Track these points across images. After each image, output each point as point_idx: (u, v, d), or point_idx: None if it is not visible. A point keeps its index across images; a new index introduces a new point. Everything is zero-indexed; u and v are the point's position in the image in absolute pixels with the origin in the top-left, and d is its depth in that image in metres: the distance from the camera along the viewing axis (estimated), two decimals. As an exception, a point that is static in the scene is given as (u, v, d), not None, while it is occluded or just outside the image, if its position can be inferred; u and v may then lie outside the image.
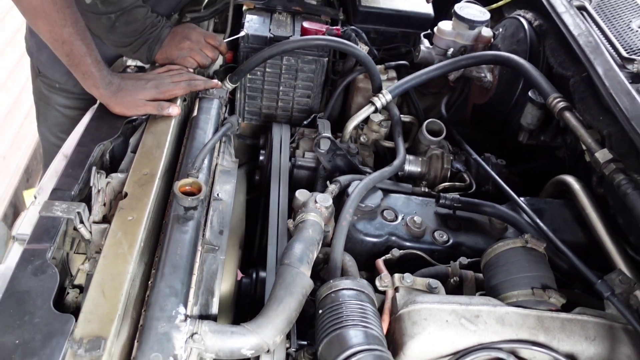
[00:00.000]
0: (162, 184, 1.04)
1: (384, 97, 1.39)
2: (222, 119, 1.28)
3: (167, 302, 0.81)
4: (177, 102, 1.19)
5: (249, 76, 1.49)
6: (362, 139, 1.45)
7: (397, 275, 0.94)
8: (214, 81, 1.30)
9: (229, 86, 1.39)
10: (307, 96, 1.55)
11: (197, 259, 0.93)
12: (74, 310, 0.83)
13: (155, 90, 1.18)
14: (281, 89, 1.52)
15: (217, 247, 0.98)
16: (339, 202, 1.14)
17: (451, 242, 1.14)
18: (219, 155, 1.19)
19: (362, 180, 1.17)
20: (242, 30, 1.46)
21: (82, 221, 0.92)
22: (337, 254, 1.01)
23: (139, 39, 1.27)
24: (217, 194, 1.08)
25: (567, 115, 1.20)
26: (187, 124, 1.24)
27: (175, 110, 1.16)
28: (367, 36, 1.56)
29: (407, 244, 1.12)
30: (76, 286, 0.92)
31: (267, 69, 1.49)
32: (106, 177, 1.00)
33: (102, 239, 0.91)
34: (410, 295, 0.90)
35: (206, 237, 0.98)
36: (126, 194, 0.96)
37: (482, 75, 1.57)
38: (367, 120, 1.44)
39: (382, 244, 1.12)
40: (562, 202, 1.25)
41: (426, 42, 1.65)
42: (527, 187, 1.37)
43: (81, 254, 0.97)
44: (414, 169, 1.39)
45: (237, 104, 1.56)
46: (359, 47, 1.45)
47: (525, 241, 0.95)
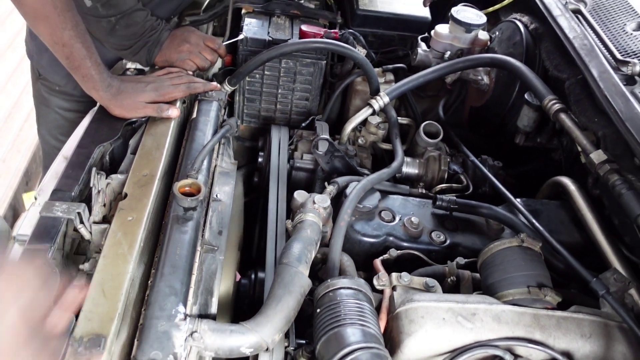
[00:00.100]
0: (162, 185, 1.05)
1: (382, 100, 1.41)
2: (221, 121, 1.29)
3: (167, 301, 0.82)
4: (177, 104, 1.20)
5: (247, 79, 1.50)
6: (360, 141, 1.46)
7: (394, 274, 0.95)
8: (213, 84, 1.31)
9: (228, 89, 1.40)
10: (306, 99, 1.56)
11: (197, 259, 0.94)
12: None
13: (154, 92, 1.19)
14: (280, 91, 1.54)
15: (216, 248, 0.99)
16: (337, 203, 1.15)
17: (448, 242, 1.15)
18: (218, 156, 1.20)
19: (360, 181, 1.18)
20: (240, 33, 1.47)
21: (82, 221, 0.93)
22: (335, 254, 1.02)
23: (139, 42, 1.28)
24: (216, 195, 1.09)
25: (563, 117, 1.22)
26: (186, 125, 1.25)
27: (174, 112, 1.17)
28: (365, 39, 1.57)
29: (405, 244, 1.13)
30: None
31: (266, 72, 1.50)
32: (106, 179, 1.01)
33: (102, 239, 0.92)
34: (407, 294, 0.91)
35: (205, 238, 0.99)
36: (126, 195, 0.97)
37: (479, 78, 1.59)
38: (365, 122, 1.45)
39: (379, 244, 1.13)
40: (559, 203, 1.26)
41: (423, 45, 1.66)
42: (524, 189, 1.37)
43: (81, 254, 0.98)
44: (411, 170, 1.40)
45: (236, 107, 1.57)
46: (356, 50, 1.46)
47: (521, 240, 0.96)
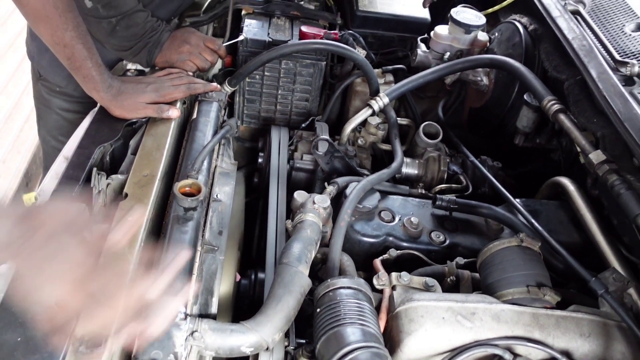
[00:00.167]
0: (162, 186, 1.05)
1: (382, 100, 1.41)
2: (221, 121, 1.29)
3: (167, 300, 0.82)
4: (177, 105, 1.21)
5: (247, 80, 1.51)
6: (359, 142, 1.47)
7: (394, 274, 0.95)
8: (213, 84, 1.31)
9: (228, 89, 1.41)
10: (306, 99, 1.56)
11: (197, 259, 0.94)
12: (75, 309, 0.84)
13: (155, 93, 1.19)
14: (280, 92, 1.54)
15: (216, 248, 0.99)
16: (337, 203, 1.16)
17: (448, 242, 1.15)
18: (218, 157, 1.20)
19: (359, 182, 1.18)
20: (241, 34, 1.48)
21: (83, 221, 0.94)
22: (335, 254, 1.02)
23: (139, 42, 1.28)
24: (217, 196, 1.09)
25: (562, 117, 1.22)
26: (186, 126, 1.25)
27: (174, 112, 1.18)
28: (365, 40, 1.57)
29: (404, 244, 1.13)
30: (77, 286, 0.93)
31: (266, 73, 1.50)
32: (106, 179, 1.01)
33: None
34: (407, 293, 0.91)
35: (205, 238, 0.99)
36: (126, 195, 0.98)
37: (479, 79, 1.59)
38: (364, 123, 1.45)
39: (379, 244, 1.13)
40: (558, 203, 1.26)
41: (423, 47, 1.66)
42: (523, 190, 1.38)
43: (81, 255, 0.98)
44: (411, 171, 1.40)
45: (236, 108, 1.57)
46: (356, 51, 1.47)
47: (520, 240, 0.96)
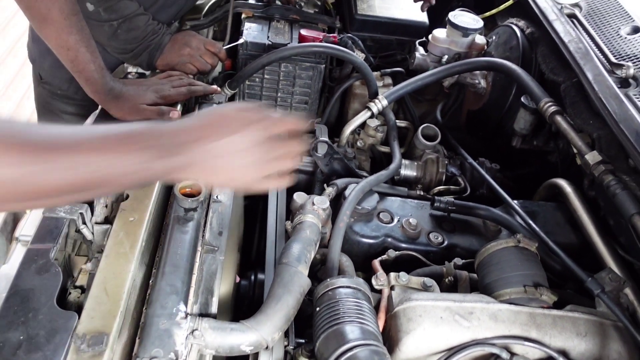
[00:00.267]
0: (163, 187, 1.06)
1: (380, 103, 1.42)
2: (222, 123, 1.30)
3: (168, 299, 0.83)
4: (178, 107, 1.22)
5: (247, 82, 1.52)
6: (358, 144, 1.48)
7: (392, 274, 0.96)
8: (214, 87, 1.32)
9: (228, 92, 1.42)
10: (305, 102, 1.58)
11: (197, 259, 0.95)
12: (76, 308, 0.85)
13: (155, 95, 1.20)
14: (279, 95, 1.55)
15: (216, 248, 1.00)
16: (336, 204, 1.17)
17: (446, 243, 1.16)
18: (218, 159, 1.21)
19: (358, 183, 1.19)
20: (241, 37, 1.49)
21: (85, 222, 0.95)
22: (334, 255, 1.03)
23: (140, 46, 1.30)
24: (217, 197, 1.10)
25: (558, 119, 1.23)
26: (187, 128, 1.26)
27: (175, 114, 1.19)
28: (364, 44, 1.59)
29: (403, 245, 1.14)
30: (78, 287, 0.94)
31: (266, 76, 1.52)
32: (108, 180, 1.02)
33: (104, 239, 0.93)
34: (405, 293, 0.92)
35: (206, 238, 1.00)
36: (127, 196, 0.98)
37: (476, 81, 1.61)
38: (363, 125, 1.46)
39: (378, 245, 1.14)
40: (555, 204, 1.27)
41: (421, 50, 1.68)
42: (521, 191, 1.39)
43: (82, 256, 0.99)
44: (409, 173, 1.41)
45: (236, 110, 1.58)
46: (355, 54, 1.48)
47: (517, 241, 0.97)
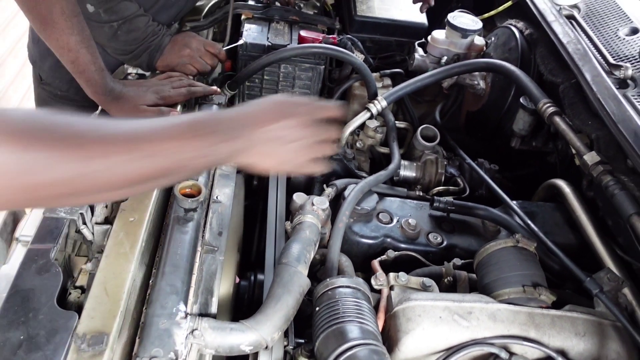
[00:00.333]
0: (163, 187, 1.06)
1: (380, 104, 1.43)
2: (221, 124, 1.31)
3: (168, 299, 0.83)
4: (178, 108, 1.22)
5: (247, 83, 1.52)
6: (358, 145, 1.48)
7: (392, 274, 0.96)
8: (213, 88, 1.33)
9: (228, 93, 1.42)
10: (304, 103, 1.58)
11: (197, 259, 0.95)
12: (76, 308, 0.85)
13: (155, 96, 1.21)
14: (279, 96, 1.56)
15: (216, 248, 1.00)
16: (336, 205, 1.17)
17: (445, 243, 1.17)
18: (218, 159, 1.21)
19: (358, 184, 1.20)
20: (240, 38, 1.49)
21: (85, 222, 0.95)
22: (333, 255, 1.04)
23: (140, 47, 1.30)
24: (216, 197, 1.10)
25: (557, 119, 1.24)
26: (187, 129, 1.26)
27: (175, 115, 1.19)
28: (363, 45, 1.60)
29: (402, 245, 1.14)
30: (78, 287, 0.94)
31: (265, 77, 1.52)
32: (108, 180, 1.02)
33: (104, 239, 0.93)
34: (404, 293, 0.92)
35: (205, 238, 1.00)
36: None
37: (475, 82, 1.61)
38: (363, 126, 1.47)
39: (377, 245, 1.14)
40: (554, 205, 1.28)
41: (420, 51, 1.69)
42: (520, 192, 1.39)
43: (83, 256, 1.00)
44: (408, 173, 1.42)
45: (236, 111, 1.59)
46: (354, 55, 1.48)
47: (516, 241, 0.97)
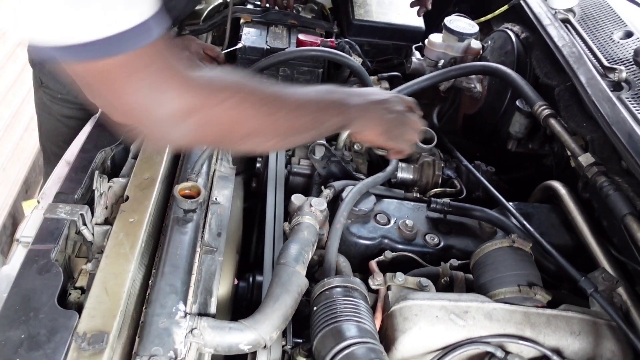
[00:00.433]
0: (162, 189, 1.07)
1: (377, 107, 1.44)
2: (220, 127, 1.32)
3: (168, 299, 0.84)
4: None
5: (246, 87, 1.53)
6: (356, 147, 1.49)
7: (389, 274, 0.97)
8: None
9: (227, 96, 1.43)
10: (303, 106, 1.59)
11: (196, 259, 0.96)
12: (76, 308, 0.86)
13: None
14: (277, 99, 1.57)
15: (215, 249, 1.01)
16: (334, 206, 1.18)
17: (442, 244, 1.18)
18: (217, 161, 1.22)
19: (355, 185, 1.21)
20: (239, 42, 1.51)
21: (85, 223, 0.96)
22: (331, 256, 1.04)
23: (140, 50, 1.31)
24: (216, 198, 1.11)
25: (552, 122, 1.25)
26: (186, 131, 1.27)
27: None
28: (361, 48, 1.61)
29: (400, 246, 1.15)
30: (78, 288, 0.95)
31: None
32: (108, 182, 1.03)
33: (104, 240, 0.94)
34: (401, 292, 0.93)
35: (205, 239, 1.01)
36: (127, 197, 1.00)
37: (472, 85, 1.62)
38: (360, 128, 1.48)
39: (375, 246, 1.15)
40: (550, 206, 1.29)
41: (417, 54, 1.70)
42: (517, 194, 1.40)
43: (82, 257, 1.01)
44: (406, 175, 1.43)
45: (235, 114, 1.60)
46: (352, 58, 1.50)
47: (512, 241, 0.98)
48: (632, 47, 1.28)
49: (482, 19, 1.74)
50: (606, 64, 1.23)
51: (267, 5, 1.66)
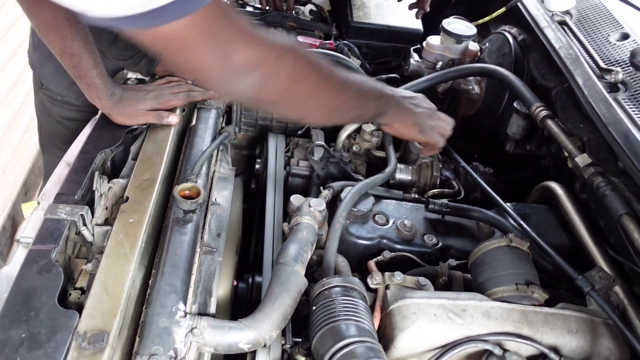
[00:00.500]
0: (162, 189, 1.08)
1: (376, 108, 1.45)
2: (220, 128, 1.33)
3: (168, 299, 0.84)
4: (177, 112, 1.24)
5: (245, 88, 1.54)
6: (354, 149, 1.50)
7: (387, 273, 0.97)
8: (212, 92, 1.34)
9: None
10: (302, 108, 1.60)
11: (196, 260, 0.97)
12: (77, 308, 0.86)
13: (155, 100, 1.23)
14: (276, 100, 1.57)
15: (215, 249, 1.01)
16: (332, 207, 1.18)
17: (440, 245, 1.18)
18: (216, 162, 1.23)
19: (354, 186, 1.21)
20: (238, 44, 1.51)
21: (85, 224, 0.96)
22: (330, 256, 1.05)
23: (140, 52, 1.32)
24: (215, 199, 1.12)
25: (549, 123, 1.26)
26: (186, 132, 1.28)
27: (174, 119, 1.21)
28: (359, 50, 1.62)
29: (398, 246, 1.16)
30: (78, 288, 0.95)
31: (263, 82, 1.54)
32: (108, 183, 1.04)
33: (104, 240, 0.95)
34: (400, 291, 0.94)
35: (204, 240, 1.01)
36: (128, 198, 1.00)
37: (470, 87, 1.63)
38: (359, 130, 1.48)
39: (373, 246, 1.16)
40: (547, 207, 1.29)
41: (416, 56, 1.71)
42: (514, 195, 1.41)
43: (82, 258, 1.01)
44: (404, 176, 1.43)
45: (234, 116, 1.60)
46: (351, 60, 1.51)
47: (509, 240, 0.99)
48: (628, 48, 1.28)
49: (480, 21, 1.75)
50: (603, 65, 1.24)
51: (266, 7, 1.67)
